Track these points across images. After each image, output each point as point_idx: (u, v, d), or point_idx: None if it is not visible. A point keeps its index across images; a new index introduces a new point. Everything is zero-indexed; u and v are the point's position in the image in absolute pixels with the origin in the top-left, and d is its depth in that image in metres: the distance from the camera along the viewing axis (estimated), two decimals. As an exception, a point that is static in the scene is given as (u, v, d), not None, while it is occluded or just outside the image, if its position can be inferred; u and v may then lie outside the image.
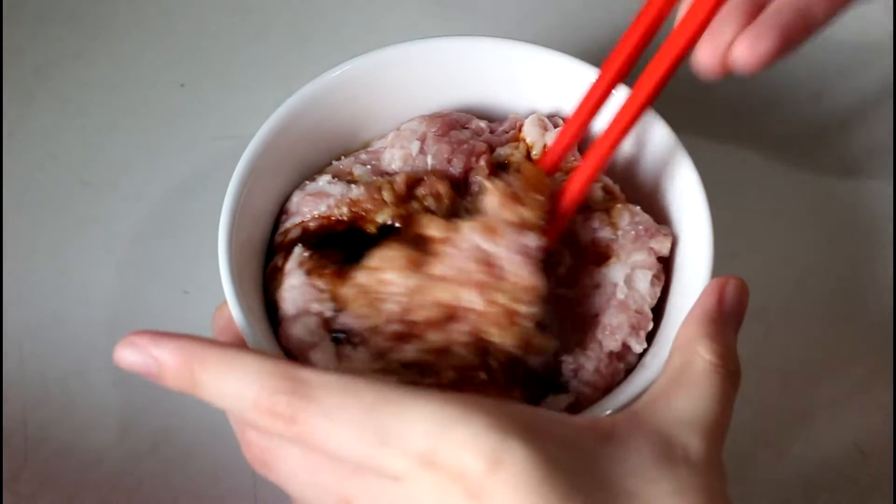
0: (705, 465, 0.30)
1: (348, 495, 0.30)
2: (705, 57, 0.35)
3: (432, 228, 0.37)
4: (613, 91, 0.38)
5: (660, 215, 0.41)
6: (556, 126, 0.42)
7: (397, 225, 0.39)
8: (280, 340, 0.38)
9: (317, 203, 0.40)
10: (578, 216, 0.40)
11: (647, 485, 0.29)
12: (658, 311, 0.39)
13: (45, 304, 0.47)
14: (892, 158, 0.51)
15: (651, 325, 0.38)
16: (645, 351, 0.39)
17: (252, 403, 0.30)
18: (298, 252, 0.38)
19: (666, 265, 0.40)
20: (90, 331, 0.46)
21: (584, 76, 0.40)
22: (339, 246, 0.39)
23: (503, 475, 0.28)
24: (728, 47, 0.35)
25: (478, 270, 0.36)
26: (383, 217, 0.39)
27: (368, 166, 0.41)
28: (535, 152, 0.41)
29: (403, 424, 0.29)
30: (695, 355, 0.33)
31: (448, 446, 0.28)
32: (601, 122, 0.38)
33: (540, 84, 0.42)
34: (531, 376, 0.38)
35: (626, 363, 0.38)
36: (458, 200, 0.40)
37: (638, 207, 0.40)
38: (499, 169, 0.41)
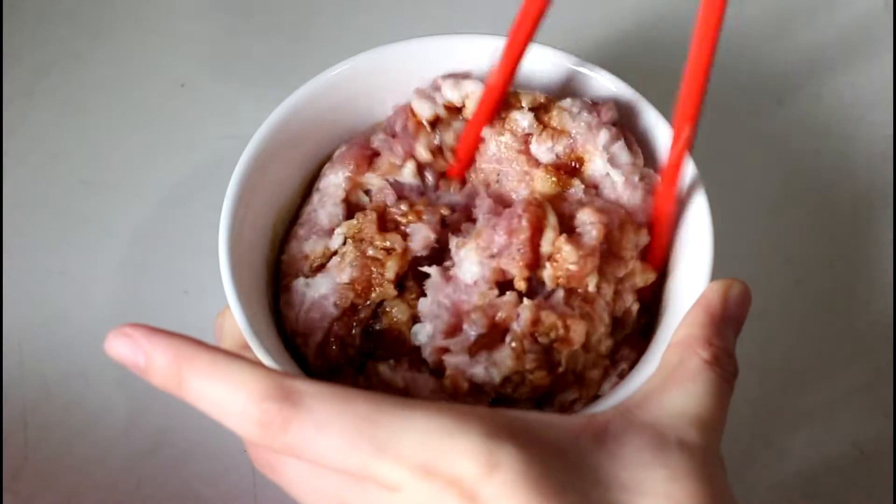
0: (701, 453, 0.30)
1: (349, 502, 0.30)
2: None
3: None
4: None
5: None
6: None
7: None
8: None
9: (322, 315, 0.38)
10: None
11: (641, 474, 0.29)
12: (656, 309, 0.39)
13: (45, 304, 0.47)
14: (892, 158, 0.51)
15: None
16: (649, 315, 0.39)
17: (241, 411, 0.29)
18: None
19: (665, 264, 0.40)
20: (90, 331, 0.46)
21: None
22: None
23: (498, 478, 0.28)
24: None
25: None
26: (392, 272, 0.38)
27: (314, 237, 0.40)
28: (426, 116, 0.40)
29: (399, 435, 0.29)
30: (692, 354, 0.33)
31: (444, 455, 0.28)
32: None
33: (535, 76, 0.42)
34: None
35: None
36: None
37: (567, 99, 0.39)
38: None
